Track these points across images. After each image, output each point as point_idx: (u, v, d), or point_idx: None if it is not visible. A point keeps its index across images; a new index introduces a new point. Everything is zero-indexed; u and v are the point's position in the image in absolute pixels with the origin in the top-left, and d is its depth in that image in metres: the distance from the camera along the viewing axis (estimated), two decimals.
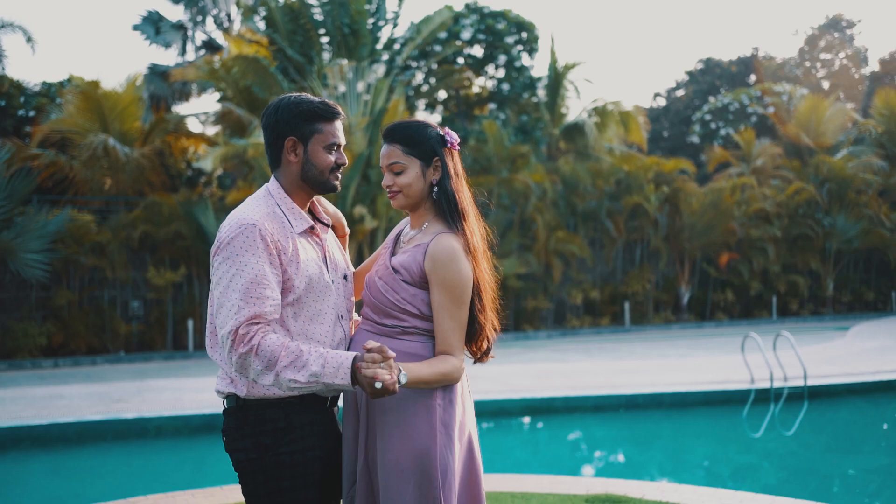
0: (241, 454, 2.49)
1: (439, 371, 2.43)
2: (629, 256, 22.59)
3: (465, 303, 2.49)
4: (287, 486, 2.47)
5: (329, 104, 2.57)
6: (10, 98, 20.27)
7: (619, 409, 9.70)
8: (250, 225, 2.42)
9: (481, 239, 2.63)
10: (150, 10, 25.56)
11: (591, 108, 22.58)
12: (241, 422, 2.49)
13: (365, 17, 18.38)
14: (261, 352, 2.32)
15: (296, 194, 2.59)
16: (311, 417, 2.51)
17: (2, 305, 16.40)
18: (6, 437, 8.49)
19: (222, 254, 2.42)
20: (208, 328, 2.56)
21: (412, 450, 2.43)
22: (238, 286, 2.36)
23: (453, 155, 2.63)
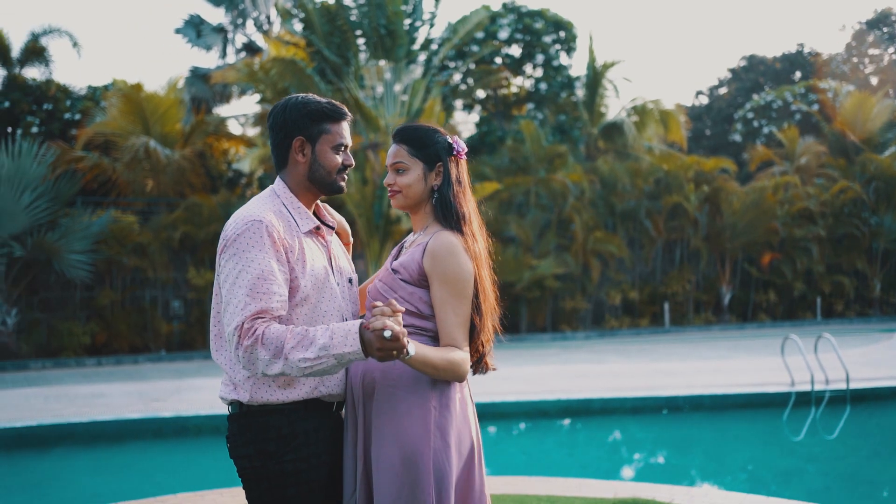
0: (244, 461, 2.47)
1: (447, 358, 2.40)
2: (669, 256, 22.34)
3: (466, 297, 2.48)
4: (291, 493, 2.44)
5: (336, 105, 2.57)
6: (57, 102, 20.70)
7: (658, 411, 9.59)
8: (257, 221, 2.40)
9: (484, 248, 2.62)
10: (192, 14, 25.93)
11: (629, 106, 22.37)
12: (244, 428, 2.46)
13: (401, 18, 18.41)
14: (266, 340, 2.27)
15: (302, 195, 2.57)
16: (315, 423, 2.48)
17: (47, 305, 16.76)
18: (50, 435, 8.66)
19: (229, 251, 2.40)
20: (212, 331, 2.54)
21: (404, 452, 2.41)
22: (244, 282, 2.33)
23: (459, 164, 2.64)
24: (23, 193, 15.45)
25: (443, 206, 2.57)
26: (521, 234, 19.56)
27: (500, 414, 9.44)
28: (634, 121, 22.08)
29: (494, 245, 11.70)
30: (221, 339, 2.52)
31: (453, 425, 2.48)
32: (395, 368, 2.47)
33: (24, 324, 16.09)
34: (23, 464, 8.30)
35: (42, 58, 20.84)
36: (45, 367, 15.20)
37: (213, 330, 2.54)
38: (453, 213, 2.56)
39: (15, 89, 20.00)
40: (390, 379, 2.47)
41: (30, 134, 19.30)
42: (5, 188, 15.25)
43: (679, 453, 8.48)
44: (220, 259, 2.44)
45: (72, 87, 21.20)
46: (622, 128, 21.64)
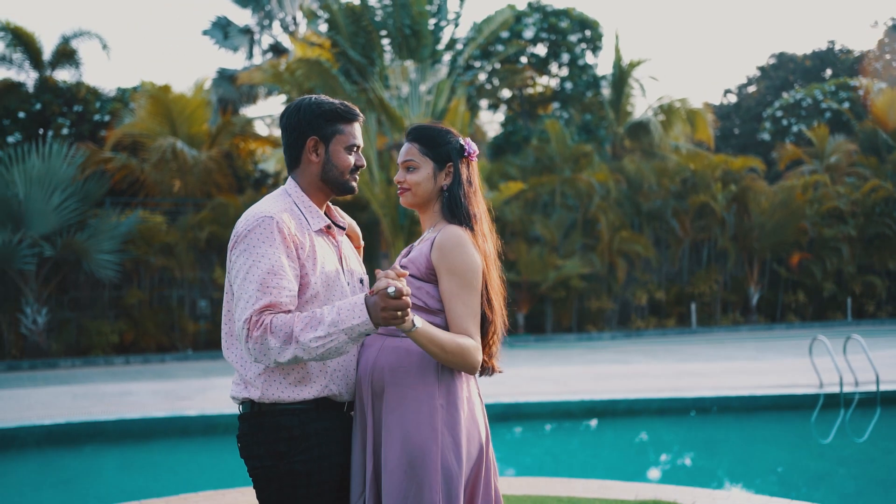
0: (255, 461, 2.47)
1: (457, 341, 2.39)
2: (696, 256, 22.14)
3: (475, 289, 2.48)
4: (302, 494, 2.45)
5: (350, 106, 2.59)
6: (87, 104, 20.97)
7: (683, 412, 9.51)
8: (268, 217, 2.42)
9: (493, 249, 2.63)
10: (219, 16, 26.14)
11: (656, 105, 22.20)
12: (255, 428, 2.47)
13: (426, 18, 18.42)
14: (275, 328, 2.28)
15: (314, 195, 2.59)
16: (326, 424, 2.49)
17: (77, 304, 16.97)
18: (79, 432, 8.77)
19: (239, 247, 2.41)
20: (224, 329, 2.55)
21: (411, 451, 2.41)
22: (255, 277, 2.34)
23: (470, 165, 2.65)
24: (53, 194, 15.65)
25: (451, 204, 2.58)
26: (547, 233, 19.50)
27: (525, 415, 9.41)
28: (661, 120, 21.92)
29: (520, 245, 11.81)
30: (233, 336, 2.53)
31: (462, 424, 2.47)
32: (402, 366, 2.47)
33: (54, 323, 16.30)
34: (53, 461, 8.42)
35: (72, 60, 21.12)
36: (75, 366, 15.40)
37: (225, 328, 2.55)
38: (463, 211, 2.57)
39: (46, 91, 20.29)
40: (398, 377, 2.46)
41: (60, 135, 19.57)
42: (36, 189, 15.47)
43: (705, 455, 8.40)
44: (231, 255, 2.45)
45: (101, 89, 21.47)
46: (648, 127, 21.48)
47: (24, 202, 15.39)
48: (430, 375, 2.46)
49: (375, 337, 2.55)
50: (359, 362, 2.56)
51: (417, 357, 2.46)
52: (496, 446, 8.74)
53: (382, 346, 2.50)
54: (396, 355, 2.48)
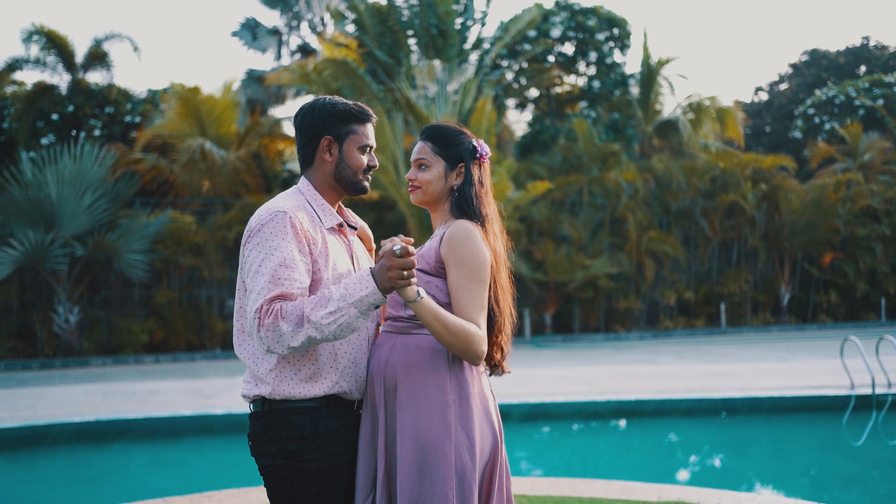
0: (266, 459, 2.49)
1: (462, 324, 2.39)
2: (725, 256, 21.90)
3: (483, 282, 2.48)
4: (313, 492, 2.46)
5: (363, 107, 2.62)
6: (118, 105, 21.23)
7: (711, 413, 9.40)
8: (281, 212, 2.45)
9: (504, 250, 2.64)
10: (248, 17, 26.36)
11: (685, 104, 22.00)
12: (266, 427, 2.48)
13: (453, 18, 18.40)
14: (285, 313, 2.30)
15: (327, 194, 2.62)
16: (337, 423, 2.50)
17: (108, 303, 17.18)
18: (108, 430, 8.87)
19: (252, 241, 2.44)
20: (235, 325, 2.57)
21: (424, 447, 2.42)
22: (267, 269, 2.37)
23: (482, 167, 2.67)
24: (84, 194, 15.86)
25: (461, 203, 2.60)
26: (574, 233, 19.40)
27: (551, 415, 9.37)
28: (690, 118, 21.71)
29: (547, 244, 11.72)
30: (244, 333, 2.55)
31: (474, 420, 2.47)
32: (414, 362, 2.48)
33: (85, 322, 16.52)
34: (83, 457, 8.53)
35: (104, 63, 21.37)
36: (106, 364, 15.59)
37: (237, 325, 2.57)
38: (474, 210, 2.59)
39: (79, 93, 20.57)
40: (410, 373, 2.47)
41: (92, 137, 19.82)
42: (68, 190, 15.68)
43: (732, 457, 8.29)
44: (244, 249, 2.48)
45: (132, 91, 21.73)
46: (677, 125, 21.30)
47: (56, 203, 15.61)
48: (442, 371, 2.47)
49: (387, 336, 2.56)
50: (371, 361, 2.57)
51: (429, 353, 2.48)
52: (522, 446, 8.72)
53: (394, 344, 2.52)
54: (408, 352, 2.49)
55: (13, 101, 20.74)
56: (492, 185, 2.71)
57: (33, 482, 7.77)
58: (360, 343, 2.57)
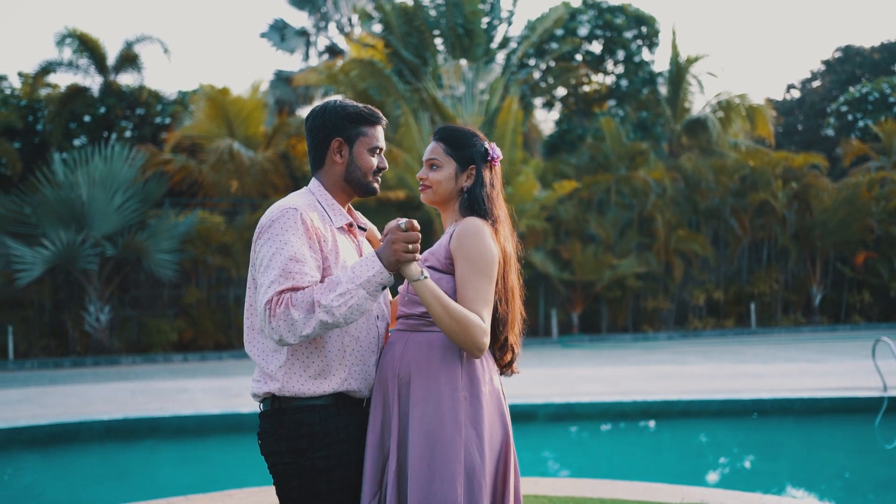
0: (276, 457, 2.52)
1: (464, 311, 2.42)
2: (755, 255, 21.65)
3: (489, 277, 2.50)
4: (322, 490, 2.49)
5: (373, 109, 2.68)
6: (149, 107, 21.49)
7: (739, 414, 9.28)
8: (292, 209, 2.49)
9: (514, 252, 2.67)
10: (276, 18, 26.53)
11: (714, 102, 21.78)
12: (276, 426, 2.51)
13: (479, 17, 18.37)
14: (296, 302, 2.34)
15: (337, 195, 2.66)
16: (346, 422, 2.53)
17: (138, 303, 17.39)
18: (136, 427, 8.97)
19: (263, 236, 2.49)
20: (245, 323, 2.61)
21: (434, 444, 2.44)
22: (278, 263, 2.41)
23: (493, 169, 2.71)
24: (115, 195, 16.05)
25: (471, 203, 2.63)
26: (602, 232, 19.29)
27: (577, 415, 9.32)
28: (719, 116, 21.49)
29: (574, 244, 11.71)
30: (254, 330, 2.59)
31: (485, 417, 2.49)
32: (426, 359, 2.51)
33: (116, 321, 16.72)
34: (111, 454, 8.64)
35: (135, 65, 21.63)
36: (136, 363, 15.77)
37: (247, 322, 2.61)
38: (485, 212, 2.61)
39: (110, 95, 20.85)
40: (422, 370, 2.50)
41: (123, 138, 20.08)
42: (99, 190, 15.87)
43: (760, 459, 8.20)
44: (255, 245, 2.53)
45: (162, 93, 21.99)
46: (706, 124, 21.09)
47: (87, 203, 15.82)
48: (454, 368, 2.50)
49: (400, 334, 2.60)
50: (384, 358, 2.59)
51: (440, 350, 2.50)
52: (546, 446, 8.68)
53: (407, 342, 2.55)
54: (420, 349, 2.52)
55: (47, 104, 21.08)
56: (502, 188, 2.74)
57: (65, 478, 7.89)
58: (368, 341, 2.60)
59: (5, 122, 20.42)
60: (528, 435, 9.14)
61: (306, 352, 2.50)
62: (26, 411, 9.40)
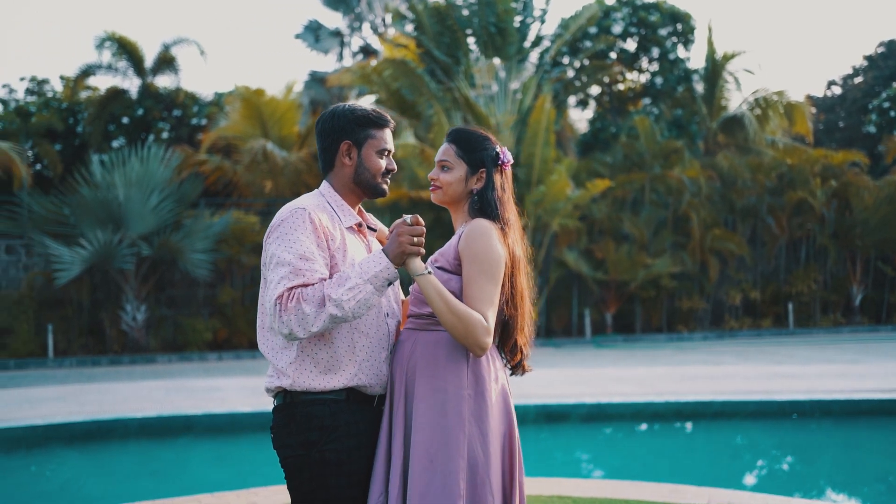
0: (287, 451, 2.58)
1: (465, 309, 2.47)
2: (793, 254, 21.30)
3: (494, 278, 2.54)
4: (332, 483, 2.53)
5: (381, 113, 2.76)
6: (185, 108, 21.77)
7: (773, 416, 9.14)
8: (301, 209, 2.58)
9: (523, 254, 2.72)
10: (311, 19, 26.71)
11: (751, 99, 21.45)
12: (288, 419, 2.58)
13: (512, 16, 18.30)
14: (307, 296, 2.42)
15: (346, 196, 2.74)
16: (356, 417, 2.59)
17: (173, 302, 17.61)
18: (171, 425, 9.09)
19: (273, 235, 2.57)
20: (258, 321, 2.67)
21: (437, 440, 2.47)
22: (287, 261, 2.48)
23: (504, 173, 2.76)
24: (151, 195, 16.26)
25: (482, 205, 2.68)
26: (636, 231, 19.12)
27: (608, 416, 9.24)
28: (756, 114, 21.17)
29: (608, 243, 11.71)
30: (265, 329, 2.66)
31: (490, 414, 2.53)
32: (433, 357, 2.55)
33: (152, 320, 16.95)
34: (145, 451, 8.76)
35: (172, 67, 21.93)
36: (171, 362, 15.97)
37: (259, 321, 2.67)
38: (496, 215, 2.66)
39: (148, 97, 21.16)
40: (429, 368, 2.55)
41: (160, 139, 20.35)
42: (135, 191, 16.09)
43: (794, 461, 8.06)
44: (265, 244, 2.60)
45: (198, 94, 22.26)
46: (743, 121, 20.79)
47: (123, 204, 16.04)
48: (460, 366, 2.54)
49: (409, 332, 2.65)
50: (394, 357, 2.65)
51: (447, 349, 2.55)
52: (573, 447, 8.62)
53: (416, 340, 2.61)
54: (426, 348, 2.57)
55: (87, 106, 21.46)
56: (513, 192, 2.78)
57: (99, 474, 8.02)
58: (379, 338, 2.65)
59: (47, 125, 20.83)
60: (560, 435, 9.10)
61: (316, 348, 2.56)
62: (63, 408, 9.57)
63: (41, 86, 23.59)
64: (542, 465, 7.79)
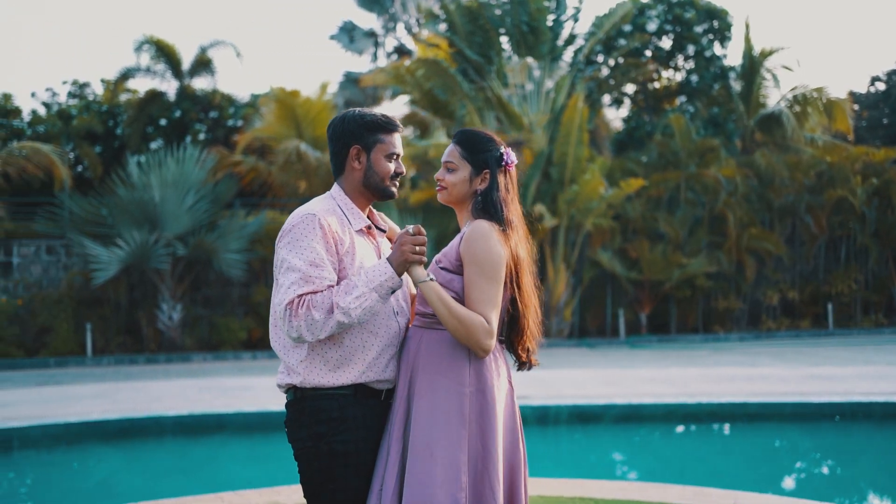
0: (298, 443, 2.69)
1: (466, 313, 2.54)
2: (833, 254, 20.90)
3: (495, 280, 2.60)
4: (339, 474, 2.63)
5: (390, 118, 2.83)
6: (221, 110, 22.02)
7: (814, 418, 8.97)
8: (310, 215, 2.67)
9: (527, 254, 2.77)
10: (345, 20, 26.84)
11: (790, 96, 21.09)
12: (299, 413, 2.68)
13: (545, 15, 18.22)
14: (316, 304, 2.54)
15: (357, 199, 2.82)
16: (364, 410, 2.68)
17: (208, 301, 17.80)
18: (203, 423, 9.20)
19: (284, 240, 2.67)
20: (271, 320, 2.77)
21: (439, 434, 2.54)
22: (297, 266, 2.59)
23: (508, 174, 2.81)
24: (186, 196, 16.46)
25: (485, 205, 2.73)
26: (671, 231, 18.92)
27: (639, 416, 9.16)
28: (795, 111, 20.80)
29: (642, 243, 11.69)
30: (277, 327, 2.76)
31: (492, 411, 2.59)
32: (437, 354, 2.63)
33: (188, 319, 17.15)
34: (177, 449, 8.88)
35: (208, 69, 22.21)
36: (206, 360, 16.15)
37: (272, 319, 2.77)
38: (500, 216, 2.71)
39: (185, 99, 21.44)
40: (432, 365, 2.62)
41: (197, 140, 20.61)
42: (171, 192, 16.30)
43: (823, 465, 7.90)
44: (277, 248, 2.71)
45: (235, 96, 22.50)
46: (781, 119, 20.44)
47: (159, 204, 16.26)
48: (462, 364, 2.61)
49: (416, 330, 2.73)
50: (401, 353, 2.74)
51: (451, 346, 2.61)
52: (606, 447, 8.55)
53: (422, 338, 2.68)
54: (431, 346, 2.65)
55: (126, 109, 21.81)
56: (517, 192, 2.84)
57: (132, 470, 8.14)
58: (388, 337, 2.73)
59: (87, 127, 21.21)
60: (591, 436, 9.04)
61: (326, 347, 2.66)
62: (98, 406, 9.73)
63: (83, 89, 24.03)
64: (570, 465, 7.74)
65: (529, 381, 11.11)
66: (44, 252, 17.15)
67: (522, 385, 10.52)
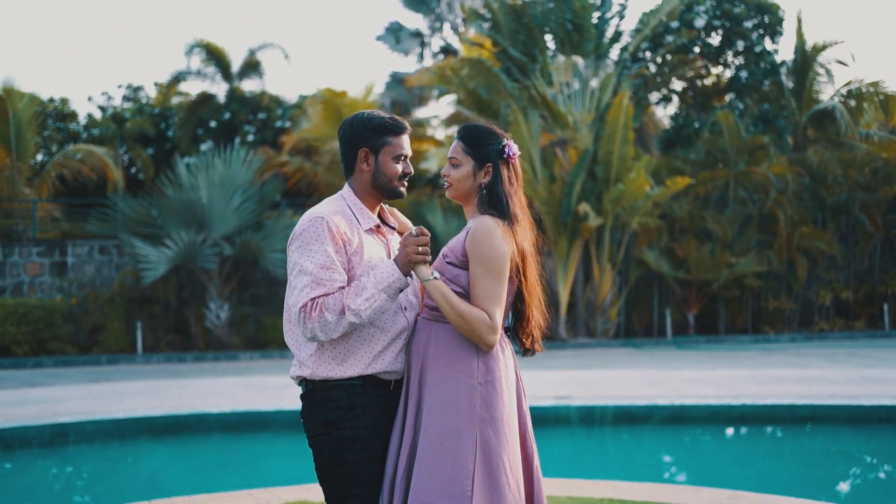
0: (311, 431, 2.84)
1: (469, 309, 2.62)
2: (889, 253, 20.34)
3: (499, 277, 2.66)
4: (349, 458, 2.75)
5: (398, 120, 2.93)
6: (269, 111, 22.32)
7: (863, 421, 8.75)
8: (319, 218, 2.79)
9: (531, 245, 2.82)
10: (392, 21, 26.95)
11: (843, 91, 20.56)
12: (311, 403, 2.84)
13: (589, 12, 18.06)
14: (328, 306, 2.68)
15: (366, 199, 2.93)
16: (372, 399, 2.81)
17: (255, 300, 18.05)
18: (248, 421, 9.34)
19: (295, 243, 2.80)
20: (285, 316, 2.90)
21: (448, 425, 2.61)
22: (308, 270, 2.72)
23: (511, 166, 2.86)
24: (233, 196, 16.71)
25: (490, 199, 2.79)
26: (719, 230, 18.60)
27: (682, 418, 9.04)
28: (850, 107, 20.27)
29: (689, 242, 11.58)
30: (290, 323, 2.91)
31: (501, 402, 2.66)
32: (446, 346, 2.70)
33: (235, 318, 17.41)
34: (222, 446, 9.03)
35: (257, 71, 22.54)
36: (253, 359, 16.37)
37: (286, 315, 2.90)
38: (504, 209, 2.76)
39: (234, 101, 21.79)
40: (441, 356, 2.70)
41: (246, 142, 20.92)
42: (218, 192, 16.56)
43: (871, 470, 7.69)
44: (289, 250, 2.83)
45: (283, 97, 22.79)
46: (834, 115, 19.94)
47: (206, 205, 16.53)
48: (471, 356, 2.68)
49: (425, 322, 2.81)
50: (411, 345, 2.84)
51: (459, 339, 2.69)
52: (646, 448, 8.44)
53: (432, 331, 2.77)
54: (439, 337, 2.73)
55: (177, 111, 22.25)
56: (522, 184, 2.89)
57: (179, 466, 8.30)
58: (395, 331, 2.84)
59: (140, 130, 21.70)
60: (635, 437, 8.94)
61: (334, 342, 2.80)
62: (144, 403, 9.93)
63: (136, 92, 24.58)
64: (608, 466, 7.66)
65: (572, 381, 11.03)
66: (97, 252, 17.56)
67: (565, 385, 10.46)
